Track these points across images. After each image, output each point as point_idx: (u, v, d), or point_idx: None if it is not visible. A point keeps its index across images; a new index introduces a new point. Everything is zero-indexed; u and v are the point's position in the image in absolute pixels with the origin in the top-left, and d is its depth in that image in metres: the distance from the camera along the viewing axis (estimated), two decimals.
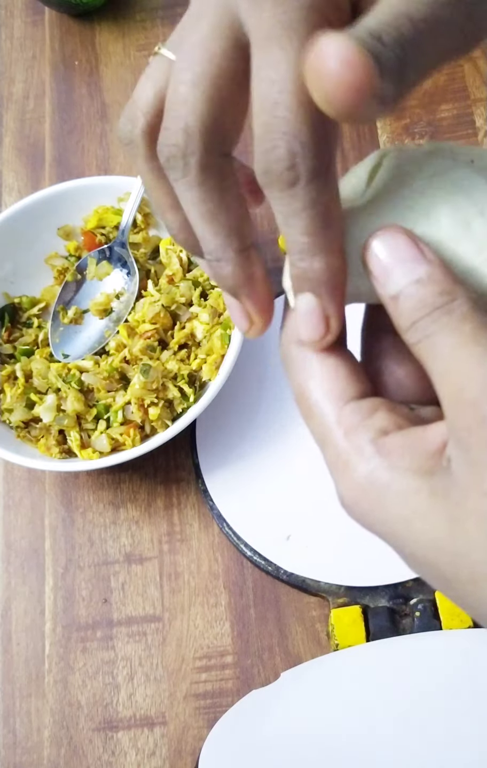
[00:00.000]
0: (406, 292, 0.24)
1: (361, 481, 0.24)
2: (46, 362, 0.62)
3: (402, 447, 0.24)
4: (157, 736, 0.57)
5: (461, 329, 0.23)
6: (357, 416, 0.25)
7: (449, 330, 0.23)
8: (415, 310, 0.24)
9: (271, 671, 0.57)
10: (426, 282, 0.24)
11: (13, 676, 0.60)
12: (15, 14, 0.81)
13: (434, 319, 0.24)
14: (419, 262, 0.24)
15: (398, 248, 0.24)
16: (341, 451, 0.25)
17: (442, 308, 0.24)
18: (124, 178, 0.64)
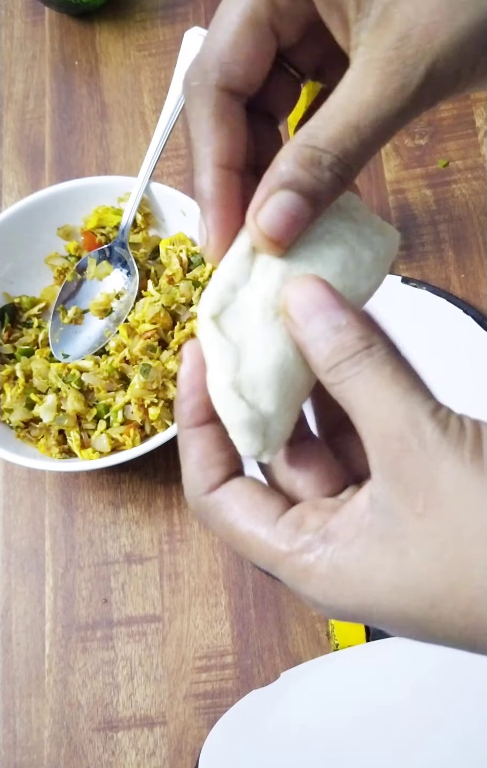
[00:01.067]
0: (327, 337, 0.26)
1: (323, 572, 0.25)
2: (46, 362, 0.62)
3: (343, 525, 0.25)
4: (157, 736, 0.57)
5: (381, 371, 0.25)
6: (292, 528, 0.26)
7: (370, 371, 0.25)
8: (336, 353, 0.25)
9: (271, 671, 0.57)
10: (346, 328, 0.26)
11: (13, 676, 0.60)
12: (15, 14, 0.81)
13: (355, 362, 0.25)
14: (337, 310, 0.26)
15: (317, 296, 0.26)
16: (295, 561, 0.26)
17: (362, 352, 0.25)
18: (124, 178, 0.64)
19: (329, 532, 0.25)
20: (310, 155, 0.26)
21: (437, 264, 0.65)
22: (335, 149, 0.26)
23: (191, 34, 0.62)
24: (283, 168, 0.26)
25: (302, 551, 0.26)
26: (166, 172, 0.71)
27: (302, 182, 0.26)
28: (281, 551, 0.26)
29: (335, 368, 0.25)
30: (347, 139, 0.26)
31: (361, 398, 0.25)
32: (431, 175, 0.68)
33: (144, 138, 0.74)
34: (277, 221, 0.27)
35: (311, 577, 0.25)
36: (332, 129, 0.26)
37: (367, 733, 0.47)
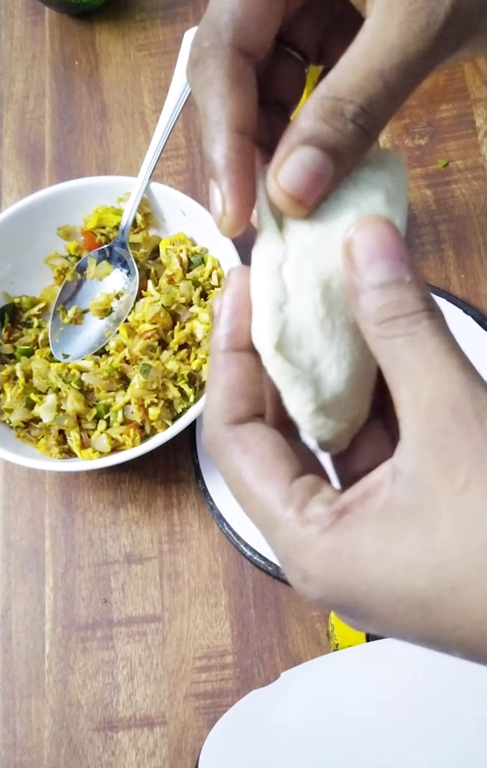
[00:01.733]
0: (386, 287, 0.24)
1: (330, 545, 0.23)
2: (46, 362, 0.62)
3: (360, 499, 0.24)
4: (157, 736, 0.57)
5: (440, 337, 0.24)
6: (306, 492, 0.25)
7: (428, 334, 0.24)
8: (394, 306, 0.24)
9: (271, 671, 0.57)
10: (409, 284, 0.24)
11: (13, 676, 0.60)
12: (15, 14, 0.81)
13: (413, 321, 0.24)
14: (404, 261, 0.24)
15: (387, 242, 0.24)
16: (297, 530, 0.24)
17: (423, 313, 0.24)
18: (124, 178, 0.64)
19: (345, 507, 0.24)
20: (331, 106, 0.24)
21: (437, 264, 0.65)
22: (358, 98, 0.24)
23: (191, 33, 0.62)
24: (303, 123, 0.25)
25: (308, 521, 0.24)
26: (166, 172, 0.71)
27: (323, 136, 0.24)
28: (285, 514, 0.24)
29: (389, 322, 0.24)
30: (371, 85, 0.24)
31: (413, 358, 0.23)
32: (431, 175, 0.68)
33: (144, 138, 0.74)
34: (300, 178, 0.25)
35: (313, 548, 0.24)
36: (354, 76, 0.24)
37: (367, 733, 0.47)
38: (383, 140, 0.70)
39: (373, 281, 0.24)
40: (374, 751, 0.46)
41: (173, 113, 0.62)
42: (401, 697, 0.48)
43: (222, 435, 0.26)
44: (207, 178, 0.28)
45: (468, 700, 0.47)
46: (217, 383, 0.26)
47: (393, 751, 0.46)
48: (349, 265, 0.25)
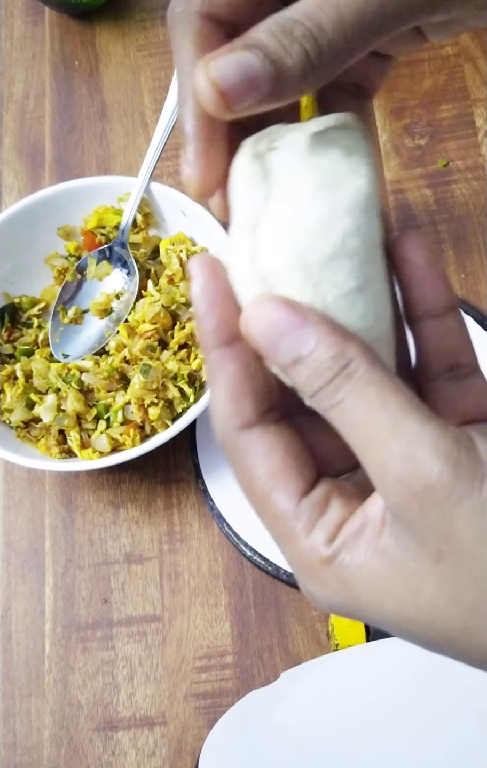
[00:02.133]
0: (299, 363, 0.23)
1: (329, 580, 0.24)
2: (46, 362, 0.62)
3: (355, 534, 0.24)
4: (157, 736, 0.57)
5: (365, 396, 0.23)
6: (313, 513, 0.24)
7: (353, 399, 0.23)
8: (313, 379, 0.23)
9: (271, 671, 0.57)
10: (316, 348, 0.23)
11: (13, 676, 0.60)
12: (15, 14, 0.81)
13: (335, 388, 0.23)
14: (301, 328, 0.23)
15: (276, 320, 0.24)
16: (303, 552, 0.24)
17: (340, 375, 0.23)
18: (124, 178, 0.64)
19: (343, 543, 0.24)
20: (282, 24, 0.24)
21: None
22: (309, 22, 0.23)
23: None
24: (250, 33, 0.24)
25: (311, 549, 0.24)
26: (167, 172, 0.71)
27: (268, 47, 0.23)
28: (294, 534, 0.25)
29: (317, 395, 0.23)
30: (324, 14, 0.23)
31: (351, 431, 0.23)
32: (431, 175, 0.68)
33: (144, 138, 0.74)
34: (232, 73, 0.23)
35: (315, 576, 0.24)
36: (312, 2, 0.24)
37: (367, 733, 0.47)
38: (383, 140, 0.70)
39: (285, 360, 0.24)
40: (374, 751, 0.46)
41: (173, 113, 0.62)
42: (401, 697, 0.48)
43: (231, 442, 0.26)
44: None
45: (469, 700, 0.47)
46: (217, 385, 0.26)
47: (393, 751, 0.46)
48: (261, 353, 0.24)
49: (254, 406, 0.25)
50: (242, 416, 0.25)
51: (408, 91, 0.70)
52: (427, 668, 0.49)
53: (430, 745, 0.46)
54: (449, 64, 0.71)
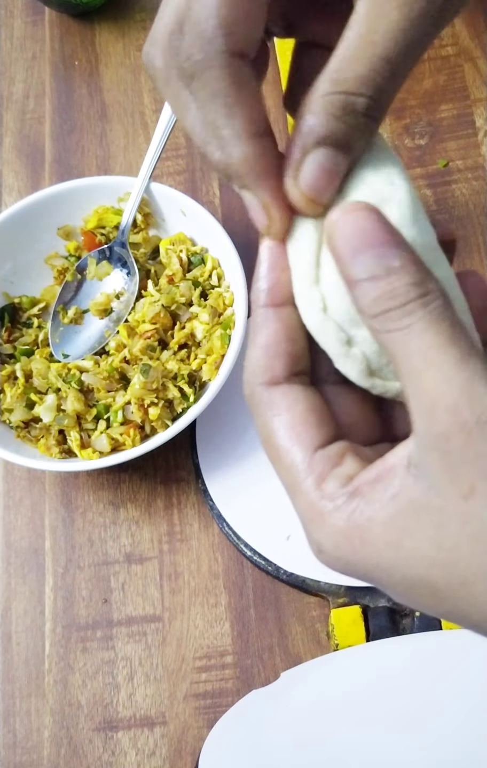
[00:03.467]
0: (376, 278, 0.23)
1: (340, 526, 0.24)
2: (46, 362, 0.62)
3: (372, 482, 0.24)
4: (157, 736, 0.57)
5: (437, 327, 0.22)
6: (327, 465, 0.25)
7: (423, 325, 0.22)
8: (385, 298, 0.23)
9: (271, 671, 0.57)
10: (399, 271, 0.23)
11: (13, 676, 0.60)
12: (15, 14, 0.81)
13: (407, 312, 0.23)
14: (391, 247, 0.23)
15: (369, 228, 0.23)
16: (314, 501, 0.24)
17: (416, 301, 0.23)
18: (124, 178, 0.64)
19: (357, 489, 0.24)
20: (342, 102, 0.24)
21: None
22: (368, 89, 0.23)
23: None
24: (314, 121, 0.24)
25: (324, 496, 0.24)
26: (167, 172, 0.71)
27: (338, 134, 0.24)
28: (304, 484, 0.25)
29: (383, 315, 0.23)
30: (379, 75, 0.23)
31: (411, 355, 0.23)
32: (431, 175, 0.68)
33: (144, 138, 0.74)
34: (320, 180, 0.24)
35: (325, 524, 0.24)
36: (361, 67, 0.23)
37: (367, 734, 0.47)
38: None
39: (360, 274, 0.23)
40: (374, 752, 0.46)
41: (173, 113, 0.62)
42: (401, 697, 0.48)
43: (257, 395, 0.26)
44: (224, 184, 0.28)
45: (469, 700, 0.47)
46: (256, 341, 0.26)
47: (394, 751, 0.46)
48: (336, 257, 0.24)
49: (285, 366, 0.26)
50: (273, 373, 0.26)
51: (408, 91, 0.70)
52: (427, 668, 0.49)
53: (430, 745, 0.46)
54: (449, 64, 0.71)
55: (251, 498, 0.60)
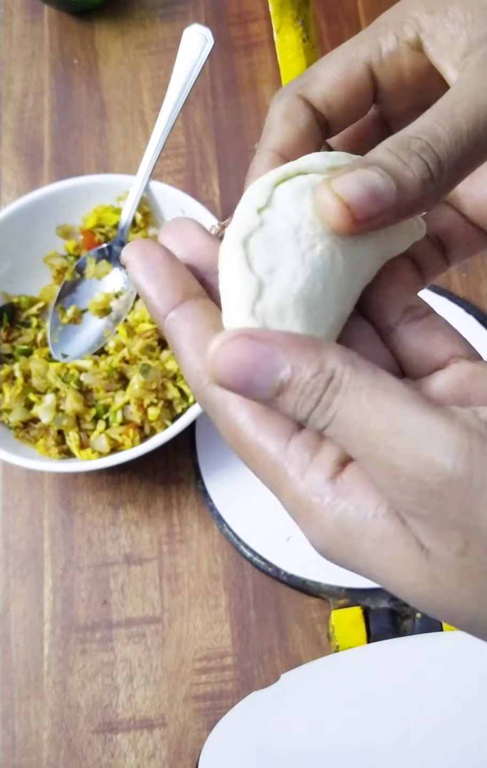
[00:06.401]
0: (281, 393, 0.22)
1: (330, 529, 0.23)
2: (45, 362, 0.61)
3: (363, 485, 0.23)
4: (157, 737, 0.57)
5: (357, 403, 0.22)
6: (305, 453, 0.23)
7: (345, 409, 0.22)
8: (302, 404, 0.22)
9: (271, 673, 0.57)
10: (292, 373, 0.22)
11: (11, 678, 0.60)
12: (14, 12, 0.80)
13: (325, 405, 0.22)
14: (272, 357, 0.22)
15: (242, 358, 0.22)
16: (299, 497, 0.23)
17: (326, 392, 0.22)
18: (124, 177, 0.64)
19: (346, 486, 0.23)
20: (398, 140, 0.24)
21: None
22: (425, 135, 0.24)
23: (191, 32, 0.61)
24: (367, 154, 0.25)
25: (307, 492, 0.23)
26: (166, 170, 0.71)
27: (386, 163, 0.24)
28: (286, 480, 0.23)
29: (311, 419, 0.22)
30: (439, 125, 0.24)
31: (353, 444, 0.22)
32: None
33: (143, 136, 0.73)
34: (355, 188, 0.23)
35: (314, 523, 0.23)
36: (426, 118, 0.24)
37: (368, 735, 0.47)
38: None
39: (266, 397, 0.22)
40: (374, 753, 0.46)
41: (173, 112, 0.62)
42: (402, 698, 0.48)
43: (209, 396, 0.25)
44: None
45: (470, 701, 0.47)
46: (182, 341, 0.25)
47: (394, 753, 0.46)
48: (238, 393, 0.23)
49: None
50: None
51: None
52: (428, 670, 0.49)
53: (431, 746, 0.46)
54: None
55: (251, 499, 0.59)
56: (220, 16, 0.76)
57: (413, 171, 0.24)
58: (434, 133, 0.24)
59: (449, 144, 0.24)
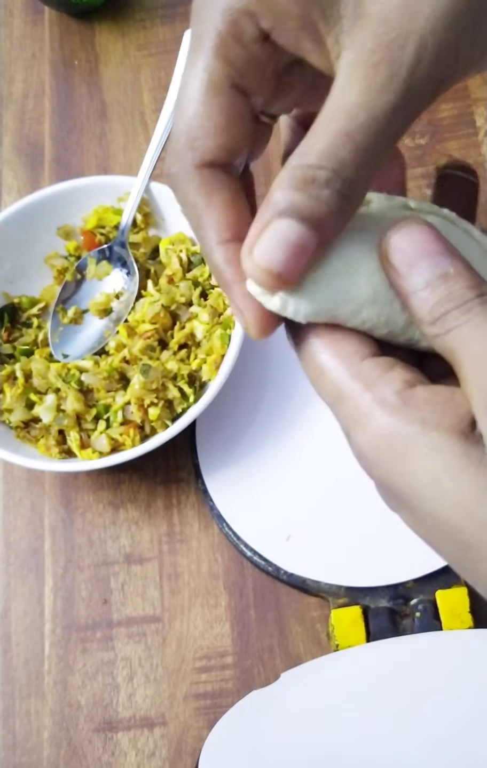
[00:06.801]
0: (433, 285, 0.24)
1: (386, 430, 0.23)
2: (46, 362, 0.61)
3: (432, 402, 0.23)
4: (157, 736, 0.57)
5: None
6: (376, 371, 0.24)
7: (482, 319, 0.23)
8: (444, 302, 0.24)
9: (271, 672, 0.57)
10: (454, 276, 0.24)
11: (12, 677, 0.60)
12: (15, 13, 0.81)
13: (465, 310, 0.23)
14: (444, 256, 0.24)
15: (422, 241, 0.24)
16: (362, 403, 0.24)
17: (473, 300, 0.23)
18: (124, 178, 0.64)
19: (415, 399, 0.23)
20: (302, 175, 0.23)
21: None
22: (329, 162, 0.23)
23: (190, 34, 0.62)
24: (276, 195, 0.24)
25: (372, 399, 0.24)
26: (166, 171, 0.71)
27: (299, 206, 0.23)
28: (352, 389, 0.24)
29: (442, 318, 0.24)
30: (340, 148, 0.23)
31: (470, 344, 0.23)
32: (431, 175, 0.68)
33: (144, 137, 0.74)
34: (278, 252, 0.24)
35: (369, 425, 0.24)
36: (322, 141, 0.23)
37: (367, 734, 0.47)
38: None
39: (418, 283, 0.24)
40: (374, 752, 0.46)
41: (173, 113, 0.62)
42: (401, 697, 0.48)
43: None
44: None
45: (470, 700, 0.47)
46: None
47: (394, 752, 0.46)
48: (392, 273, 0.25)
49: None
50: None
51: None
52: (427, 669, 0.49)
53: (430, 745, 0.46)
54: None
55: (251, 498, 0.59)
56: None
57: (327, 204, 0.24)
58: (336, 158, 0.23)
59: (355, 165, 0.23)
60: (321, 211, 0.24)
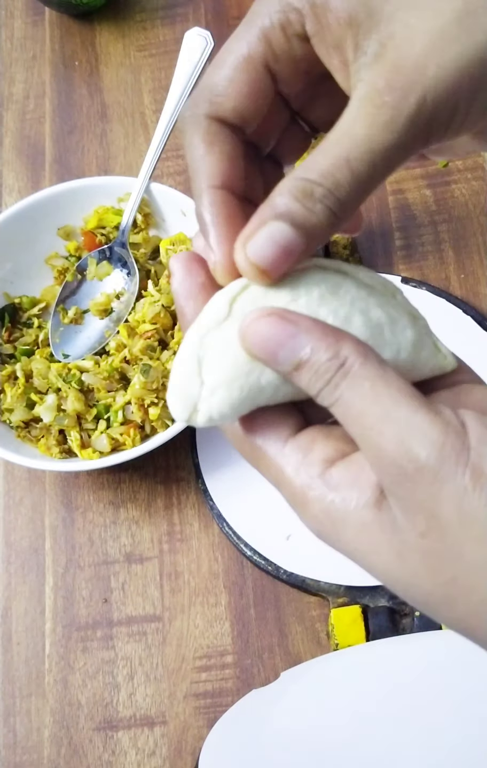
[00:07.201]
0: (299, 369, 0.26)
1: (320, 516, 0.26)
2: (47, 362, 0.62)
3: (347, 480, 0.26)
4: (157, 735, 0.57)
5: (360, 391, 0.25)
6: (298, 454, 0.27)
7: (349, 395, 0.25)
8: (314, 381, 0.26)
9: (271, 671, 0.57)
10: (312, 354, 0.25)
11: (13, 676, 0.60)
12: (15, 14, 0.81)
13: (334, 386, 0.25)
14: (294, 337, 0.26)
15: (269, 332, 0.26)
16: (295, 491, 0.27)
17: (337, 374, 0.25)
18: (124, 179, 0.64)
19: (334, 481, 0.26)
20: (303, 187, 0.26)
21: (436, 264, 0.65)
22: (327, 182, 0.26)
23: (191, 34, 0.62)
24: (277, 200, 0.26)
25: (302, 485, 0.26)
26: (167, 172, 0.71)
27: (294, 214, 0.26)
28: (284, 476, 0.27)
29: (320, 396, 0.26)
30: (338, 171, 0.26)
31: (351, 423, 0.25)
32: (430, 175, 0.68)
33: (144, 138, 0.74)
34: (267, 251, 0.26)
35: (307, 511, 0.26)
36: (324, 162, 0.26)
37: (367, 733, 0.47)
38: None
39: (286, 369, 0.26)
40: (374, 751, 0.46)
41: (173, 113, 0.62)
42: (401, 696, 0.48)
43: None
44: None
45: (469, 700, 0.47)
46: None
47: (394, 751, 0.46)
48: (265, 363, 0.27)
49: None
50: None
51: None
52: (427, 668, 0.49)
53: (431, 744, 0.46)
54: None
55: (251, 498, 0.60)
56: (221, 19, 0.76)
57: (318, 217, 0.26)
58: (334, 179, 0.26)
59: (348, 188, 0.26)
60: (312, 221, 0.26)
